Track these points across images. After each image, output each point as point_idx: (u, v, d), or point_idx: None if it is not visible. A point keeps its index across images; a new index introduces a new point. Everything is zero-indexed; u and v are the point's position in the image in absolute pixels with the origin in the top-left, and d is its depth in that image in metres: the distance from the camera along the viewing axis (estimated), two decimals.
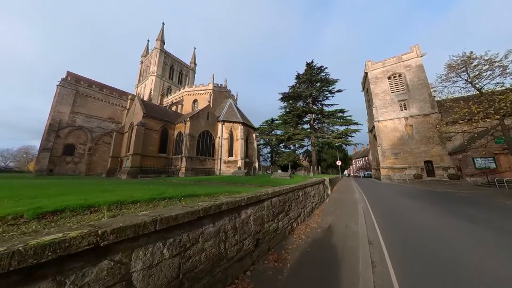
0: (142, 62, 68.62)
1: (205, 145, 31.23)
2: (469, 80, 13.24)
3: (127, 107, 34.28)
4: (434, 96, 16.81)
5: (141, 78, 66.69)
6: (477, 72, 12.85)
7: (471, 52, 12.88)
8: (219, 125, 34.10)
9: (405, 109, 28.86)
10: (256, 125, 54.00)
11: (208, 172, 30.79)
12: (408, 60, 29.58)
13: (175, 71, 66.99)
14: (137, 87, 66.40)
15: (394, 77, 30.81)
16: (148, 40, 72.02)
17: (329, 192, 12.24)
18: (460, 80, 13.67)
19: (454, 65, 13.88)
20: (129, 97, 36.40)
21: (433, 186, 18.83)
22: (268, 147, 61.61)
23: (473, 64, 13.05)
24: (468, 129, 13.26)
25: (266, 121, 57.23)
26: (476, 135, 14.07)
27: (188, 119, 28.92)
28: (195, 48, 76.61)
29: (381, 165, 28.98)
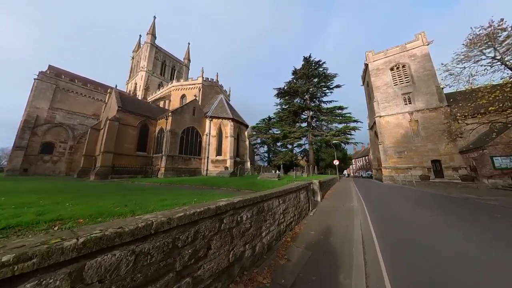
0: (133, 58, 65.97)
1: (190, 143, 28.50)
2: (497, 57, 10.53)
3: (106, 101, 31.49)
4: (444, 86, 13.86)
5: (131, 74, 64.06)
6: (508, 47, 10.15)
7: (501, 21, 10.15)
8: (207, 121, 31.40)
9: (410, 103, 26.09)
10: (255, 125, 51.43)
11: (194, 172, 28.09)
12: (413, 49, 26.79)
13: (167, 67, 64.25)
14: (128, 83, 63.76)
15: (397, 68, 28.04)
16: (140, 35, 69.36)
17: (319, 198, 9.52)
18: (485, 59, 10.95)
19: (476, 40, 11.15)
20: (108, 90, 33.63)
21: (446, 189, 16.08)
22: (265, 146, 59.03)
23: (501, 37, 10.35)
24: (499, 118, 10.54)
25: (263, 119, 54.58)
26: (510, 125, 11.33)
27: (170, 114, 26.20)
28: (189, 43, 74.03)
29: (383, 165, 26.23)
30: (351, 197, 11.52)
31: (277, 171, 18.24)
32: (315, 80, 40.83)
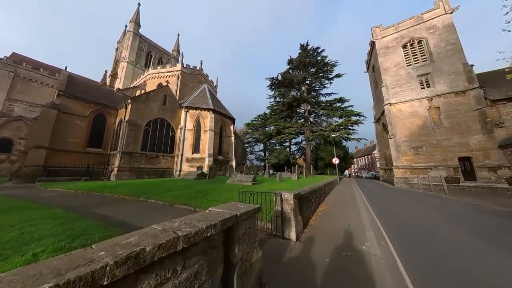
0: (117, 49, 61.16)
1: (158, 137, 23.46)
2: None
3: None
4: (508, 30, 8.16)
5: (115, 66, 59.11)
6: None
7: None
8: (182, 112, 26.33)
9: (428, 87, 20.84)
10: (250, 121, 46.24)
11: (162, 173, 23.10)
12: (432, 19, 21.48)
13: (154, 59, 59.29)
14: (111, 76, 58.82)
15: (412, 44, 22.75)
16: (126, 26, 64.25)
17: (293, 233, 4.42)
18: None
19: None
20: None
21: (496, 199, 10.88)
22: (261, 144, 53.94)
23: None
24: None
25: (259, 116, 49.24)
26: None
27: (129, 101, 21.19)
28: (178, 34, 69.18)
29: (394, 164, 21.00)
30: (360, 222, 6.40)
31: (252, 173, 13.16)
32: (313, 69, 35.86)
